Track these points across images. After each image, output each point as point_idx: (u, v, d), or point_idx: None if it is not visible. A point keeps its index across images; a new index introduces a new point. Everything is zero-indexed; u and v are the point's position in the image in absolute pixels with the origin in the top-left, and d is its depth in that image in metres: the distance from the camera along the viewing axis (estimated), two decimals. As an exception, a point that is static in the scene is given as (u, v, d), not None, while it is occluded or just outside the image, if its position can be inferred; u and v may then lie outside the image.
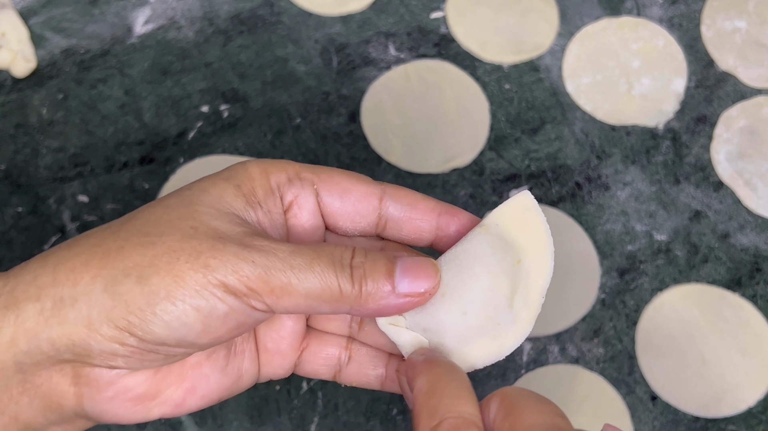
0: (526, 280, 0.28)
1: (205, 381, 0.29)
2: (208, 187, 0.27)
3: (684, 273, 0.50)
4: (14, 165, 0.51)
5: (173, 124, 0.53)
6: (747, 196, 0.52)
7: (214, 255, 0.25)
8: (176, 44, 0.55)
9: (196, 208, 0.26)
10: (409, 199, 0.30)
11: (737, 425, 0.46)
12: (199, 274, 0.25)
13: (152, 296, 0.25)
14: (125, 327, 0.25)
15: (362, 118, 0.53)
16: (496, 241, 0.29)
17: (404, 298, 0.27)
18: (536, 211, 0.29)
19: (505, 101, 0.54)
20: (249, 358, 0.30)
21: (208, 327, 0.25)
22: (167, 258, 0.25)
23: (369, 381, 0.32)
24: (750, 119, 0.54)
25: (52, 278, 0.25)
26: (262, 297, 0.25)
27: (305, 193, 0.29)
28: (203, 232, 0.25)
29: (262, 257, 0.25)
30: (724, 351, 0.48)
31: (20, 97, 0.53)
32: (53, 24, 0.55)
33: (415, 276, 0.27)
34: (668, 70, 0.56)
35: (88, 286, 0.25)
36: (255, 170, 0.28)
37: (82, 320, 0.25)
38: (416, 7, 0.57)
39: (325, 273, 0.26)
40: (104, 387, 0.26)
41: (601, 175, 0.52)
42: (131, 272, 0.25)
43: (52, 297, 0.25)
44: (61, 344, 0.25)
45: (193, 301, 0.25)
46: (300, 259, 0.26)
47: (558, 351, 0.48)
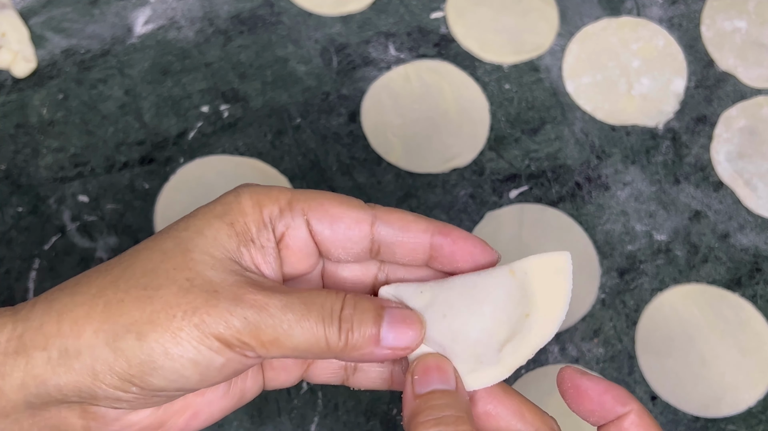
0: (526, 334, 0.29)
1: (208, 407, 0.30)
2: (203, 228, 0.28)
3: (684, 273, 0.50)
4: (14, 165, 0.51)
5: (173, 124, 0.53)
6: (747, 196, 0.52)
7: (209, 311, 0.26)
8: (176, 44, 0.55)
9: (192, 256, 0.27)
10: (400, 223, 0.30)
11: (737, 425, 0.47)
12: (196, 330, 0.26)
13: (151, 353, 0.26)
14: (127, 379, 0.26)
15: (362, 118, 0.53)
16: (515, 290, 0.29)
17: (388, 351, 0.28)
18: (568, 276, 0.29)
19: (505, 101, 0.54)
20: (252, 379, 0.31)
21: (205, 377, 0.27)
22: (165, 315, 0.26)
23: (377, 384, 0.33)
24: (750, 119, 0.54)
25: (56, 328, 0.26)
26: (254, 349, 0.27)
27: (296, 223, 0.29)
28: (198, 286, 0.26)
29: (254, 313, 0.26)
30: (724, 351, 0.48)
31: (20, 97, 0.53)
32: (53, 24, 0.55)
33: (400, 332, 0.28)
34: (668, 70, 0.56)
35: (90, 340, 0.26)
36: (247, 203, 0.29)
37: (87, 371, 0.26)
38: (416, 7, 0.57)
39: (314, 328, 0.27)
40: (110, 422, 0.28)
41: (601, 175, 0.52)
42: (131, 328, 0.26)
43: (57, 347, 0.26)
44: (68, 390, 0.26)
45: (190, 356, 0.26)
46: (291, 315, 0.27)
47: (558, 351, 0.48)
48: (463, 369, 0.29)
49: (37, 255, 0.49)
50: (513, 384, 0.47)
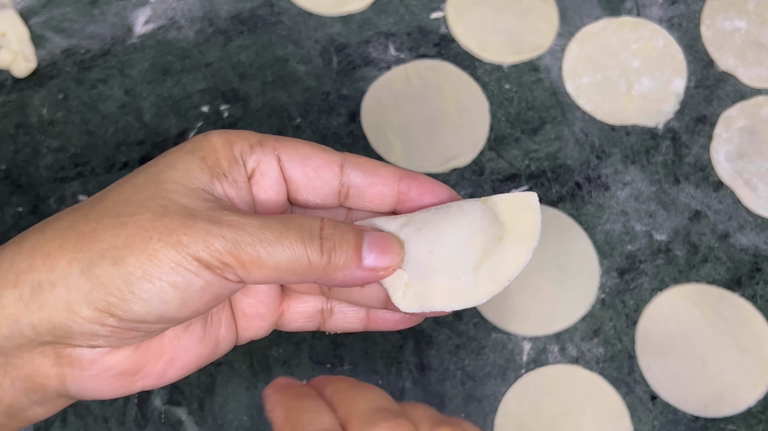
0: (500, 257, 0.30)
1: (184, 353, 0.29)
2: (174, 162, 0.28)
3: (684, 273, 0.50)
4: (14, 165, 0.51)
5: (173, 124, 0.53)
6: (747, 196, 0.52)
7: (186, 231, 0.25)
8: (176, 44, 0.55)
9: (165, 186, 0.27)
10: (369, 166, 0.30)
11: (737, 425, 0.47)
12: (173, 251, 0.25)
13: (129, 276, 0.25)
14: (105, 308, 0.25)
15: (362, 118, 0.53)
16: (488, 213, 0.30)
17: (369, 271, 0.28)
18: (536, 210, 0.30)
19: (505, 101, 0.54)
20: (225, 326, 0.31)
21: (186, 302, 0.26)
22: (140, 238, 0.25)
23: (353, 325, 0.33)
24: (750, 119, 0.54)
25: (28, 264, 0.26)
26: (234, 270, 0.26)
27: (267, 159, 0.29)
28: (173, 210, 0.26)
29: (232, 232, 0.26)
30: (723, 351, 0.48)
31: (20, 97, 0.53)
32: (53, 24, 0.55)
33: (381, 251, 0.28)
34: (668, 70, 0.56)
35: (64, 271, 0.25)
36: (218, 140, 0.29)
37: (62, 304, 0.25)
38: (416, 7, 0.57)
39: (294, 245, 0.26)
40: (86, 366, 0.27)
41: (601, 174, 0.52)
42: (106, 254, 0.25)
43: (29, 283, 0.25)
44: (42, 328, 0.25)
45: (169, 278, 0.25)
46: (268, 233, 0.26)
47: (558, 351, 0.48)
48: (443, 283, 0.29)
49: (37, 255, 0.49)
50: (513, 384, 0.47)
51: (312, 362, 0.47)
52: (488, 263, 0.29)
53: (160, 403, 0.46)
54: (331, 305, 0.33)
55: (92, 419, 0.45)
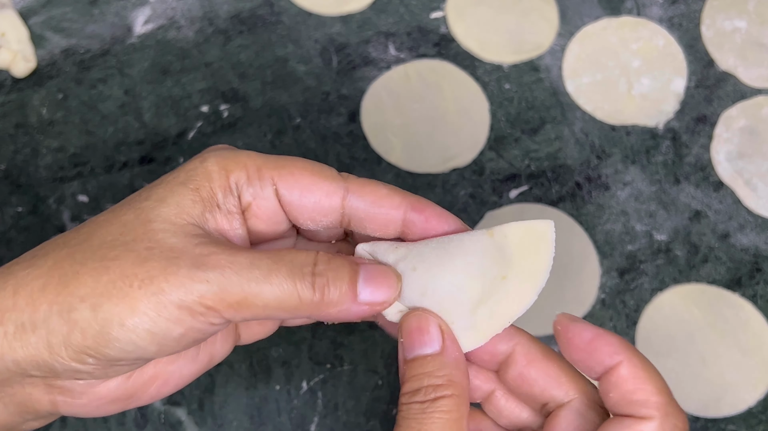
0: (502, 298, 0.28)
1: (178, 374, 0.30)
2: (165, 196, 0.27)
3: (684, 273, 0.50)
4: (14, 165, 0.51)
5: (173, 124, 0.53)
6: (747, 196, 0.52)
7: (167, 278, 0.25)
8: (176, 44, 0.55)
9: (153, 226, 0.26)
10: (373, 197, 0.29)
11: (737, 425, 0.46)
12: (154, 299, 0.25)
13: (106, 323, 0.25)
14: (82, 351, 0.25)
15: (362, 118, 0.53)
16: (492, 250, 0.28)
17: (364, 306, 0.27)
18: (550, 244, 0.28)
19: (505, 101, 0.54)
20: (221, 342, 0.31)
21: (162, 348, 0.26)
22: (121, 284, 0.25)
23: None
24: (750, 119, 0.54)
25: (12, 302, 0.26)
26: (220, 313, 0.26)
27: (264, 194, 0.28)
28: (158, 254, 0.25)
29: (217, 274, 0.25)
30: (723, 351, 0.48)
31: (20, 97, 0.53)
32: (53, 24, 0.55)
33: (376, 286, 0.27)
34: (668, 70, 0.56)
35: (46, 313, 0.25)
36: (214, 168, 0.28)
37: (43, 345, 0.25)
38: (416, 7, 0.57)
39: (283, 283, 0.26)
40: (78, 395, 0.27)
41: (601, 174, 0.52)
42: (86, 299, 0.25)
43: (14, 322, 0.26)
44: (26, 364, 0.26)
45: (146, 327, 0.25)
46: (257, 272, 0.26)
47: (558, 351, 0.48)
48: None
49: (36, 255, 0.49)
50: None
51: (312, 362, 0.47)
52: (487, 304, 0.28)
53: (160, 403, 0.46)
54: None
55: (92, 419, 0.45)
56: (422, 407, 0.26)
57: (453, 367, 0.27)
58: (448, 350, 0.28)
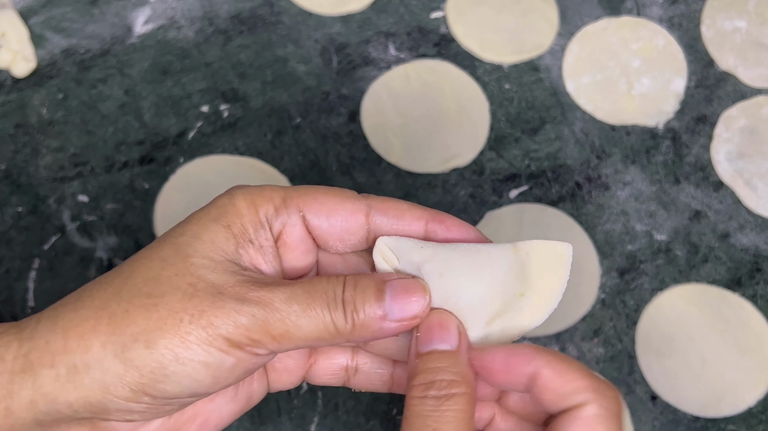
0: (517, 314, 0.29)
1: (217, 413, 0.30)
2: (199, 233, 0.28)
3: (684, 273, 0.50)
4: (14, 165, 0.51)
5: (173, 124, 0.53)
6: (747, 196, 0.52)
7: (216, 313, 0.26)
8: (176, 44, 0.55)
9: (192, 261, 0.27)
10: (395, 211, 0.30)
11: (737, 425, 0.46)
12: (204, 333, 0.26)
13: (162, 359, 0.26)
14: (139, 389, 0.26)
15: (362, 118, 0.53)
16: (516, 267, 0.29)
17: (396, 324, 0.28)
18: (567, 267, 0.29)
19: (505, 101, 0.54)
20: (258, 381, 0.32)
21: (217, 379, 0.27)
22: (172, 321, 0.26)
23: (377, 387, 0.33)
24: (750, 119, 0.54)
25: (63, 344, 0.26)
26: (265, 345, 0.27)
27: (292, 221, 0.29)
28: (202, 289, 0.26)
29: (260, 310, 0.26)
30: (723, 351, 0.48)
31: (20, 97, 0.53)
32: (53, 24, 0.55)
33: (405, 302, 0.28)
34: (668, 70, 0.56)
35: (99, 353, 0.26)
36: (242, 204, 0.29)
37: (97, 386, 0.26)
38: (416, 7, 0.57)
39: (321, 316, 0.27)
40: None
41: (601, 174, 0.52)
42: (139, 337, 0.26)
43: (65, 364, 0.26)
44: (78, 406, 0.26)
45: (200, 359, 0.26)
46: (296, 306, 0.27)
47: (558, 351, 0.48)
48: None
49: (36, 255, 0.49)
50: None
51: (312, 362, 0.47)
52: (503, 318, 0.29)
53: (160, 403, 0.46)
54: (356, 363, 0.33)
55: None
56: (437, 403, 0.26)
57: (466, 366, 0.28)
58: (463, 350, 0.28)
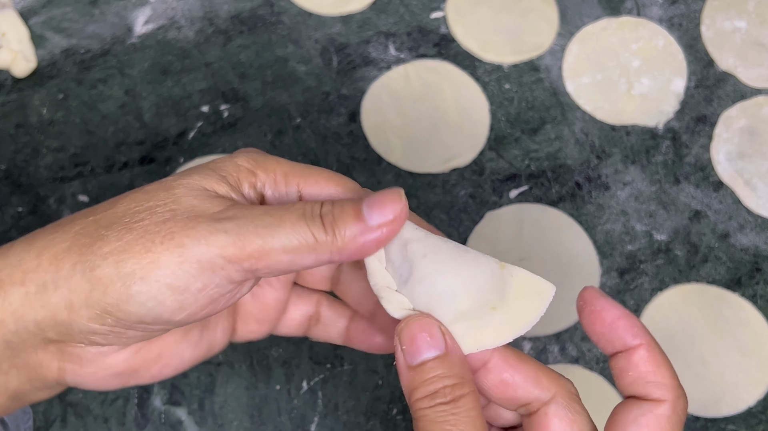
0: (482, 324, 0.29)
1: (179, 357, 0.31)
2: (191, 173, 0.28)
3: (684, 273, 0.50)
4: (14, 165, 0.51)
5: (173, 124, 0.53)
6: (747, 196, 0.52)
7: (188, 233, 0.26)
8: (176, 44, 0.55)
9: (175, 191, 0.27)
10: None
11: (737, 425, 0.47)
12: (174, 254, 0.26)
13: (128, 277, 0.26)
14: (103, 310, 0.26)
15: (362, 118, 0.53)
16: (496, 280, 0.29)
17: (378, 230, 0.27)
18: (545, 304, 0.29)
19: (505, 101, 0.54)
20: (221, 330, 0.32)
21: (183, 304, 0.26)
22: (143, 242, 0.26)
23: (333, 338, 0.34)
24: (750, 119, 0.54)
25: (36, 263, 0.26)
26: (240, 263, 0.26)
27: (289, 198, 0.30)
28: (179, 214, 0.26)
29: (233, 224, 0.26)
30: (723, 351, 0.48)
31: (20, 97, 0.53)
32: (53, 24, 0.55)
33: (381, 206, 0.27)
34: (668, 70, 0.56)
35: (68, 272, 0.26)
36: (244, 164, 0.29)
37: (64, 304, 0.26)
38: (416, 7, 0.57)
39: (296, 225, 0.26)
40: (86, 363, 0.28)
41: (601, 174, 0.52)
42: (108, 257, 0.26)
43: (35, 282, 0.26)
44: (45, 325, 0.26)
45: (167, 280, 0.26)
46: (269, 218, 0.26)
47: (558, 351, 0.48)
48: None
49: (37, 255, 0.49)
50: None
51: (312, 362, 0.47)
52: (468, 323, 0.29)
53: (160, 403, 0.46)
54: (318, 312, 0.34)
55: (92, 419, 0.45)
56: (448, 408, 0.26)
57: (460, 365, 0.28)
58: (453, 350, 0.28)
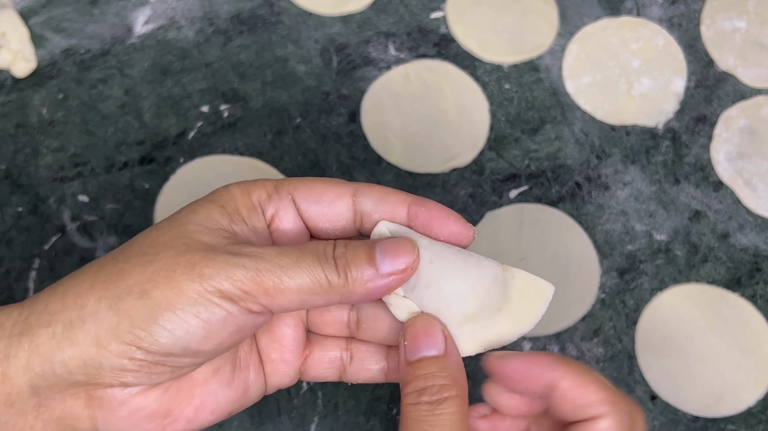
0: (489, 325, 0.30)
1: (213, 397, 0.30)
2: (196, 209, 0.29)
3: (684, 273, 0.50)
4: (14, 165, 0.51)
5: (173, 124, 0.53)
6: (747, 196, 0.52)
7: (208, 264, 0.27)
8: (176, 44, 0.55)
9: (187, 227, 0.28)
10: (379, 194, 0.31)
11: (737, 424, 0.47)
12: (196, 284, 0.26)
13: (154, 308, 0.26)
14: (132, 342, 0.26)
15: (362, 118, 0.53)
16: (500, 282, 0.30)
17: (388, 277, 0.28)
18: (545, 303, 0.30)
19: (505, 101, 0.54)
20: (254, 371, 0.32)
21: (209, 333, 0.27)
22: (165, 273, 0.26)
23: (373, 376, 0.34)
24: (750, 119, 0.54)
25: (61, 304, 0.27)
26: (257, 298, 0.27)
27: (284, 204, 0.31)
28: (195, 247, 0.27)
29: (252, 261, 0.27)
30: (723, 351, 0.48)
31: (20, 97, 0.53)
32: (53, 24, 0.55)
33: (394, 255, 0.29)
34: (668, 70, 0.56)
35: (94, 307, 0.26)
36: (236, 191, 0.30)
37: (91, 340, 0.26)
38: (416, 7, 0.57)
39: (311, 267, 0.28)
40: (117, 407, 0.28)
41: (600, 174, 0.52)
42: (133, 289, 0.26)
43: (62, 321, 0.26)
44: (73, 365, 0.26)
45: (192, 309, 0.26)
46: (286, 259, 0.27)
47: (558, 351, 0.48)
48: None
49: (37, 255, 0.49)
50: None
51: (312, 362, 0.47)
52: (474, 325, 0.30)
53: (160, 403, 0.46)
54: (351, 354, 0.34)
55: (92, 419, 0.45)
56: (430, 408, 0.27)
57: (455, 369, 0.29)
58: (451, 353, 0.29)
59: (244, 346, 0.32)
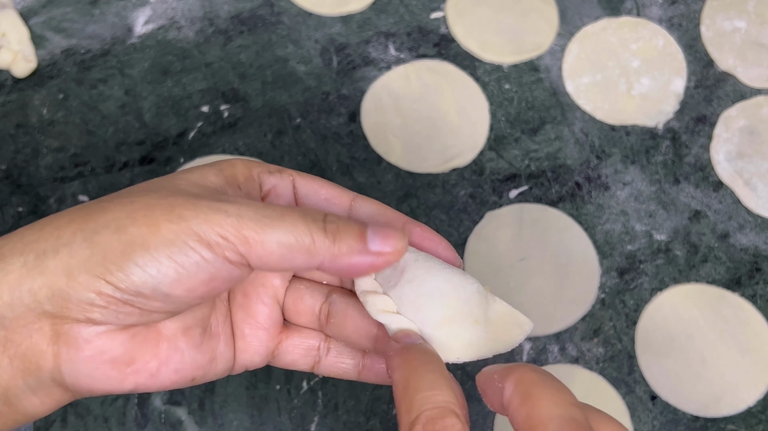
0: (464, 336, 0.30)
1: (180, 355, 0.30)
2: (192, 169, 0.30)
3: (684, 273, 0.50)
4: (15, 165, 0.51)
5: (173, 124, 0.53)
6: (746, 196, 0.52)
7: (189, 207, 0.26)
8: (176, 44, 0.55)
9: (176, 182, 0.28)
10: (378, 208, 0.32)
11: (737, 424, 0.47)
12: (174, 224, 0.26)
13: (128, 244, 0.26)
14: (101, 275, 0.26)
15: (362, 118, 0.53)
16: (482, 297, 0.30)
17: (374, 256, 0.28)
18: (522, 336, 0.31)
19: (505, 101, 0.54)
20: (224, 342, 0.31)
21: (181, 276, 0.26)
22: (144, 212, 0.26)
23: (346, 371, 0.33)
24: (749, 119, 0.54)
25: (37, 236, 0.27)
26: (235, 245, 0.27)
27: (284, 183, 0.31)
28: (180, 194, 0.27)
29: (235, 208, 0.27)
30: (723, 351, 0.48)
31: (21, 97, 0.53)
32: (54, 24, 0.56)
33: (385, 236, 0.28)
34: (668, 70, 0.56)
35: (69, 239, 0.26)
36: (239, 162, 0.31)
37: (62, 269, 0.26)
38: (416, 7, 0.57)
39: (296, 224, 0.27)
40: (82, 345, 0.27)
41: (600, 174, 0.52)
42: (110, 224, 0.26)
43: (35, 251, 0.26)
44: (41, 294, 0.26)
45: (167, 250, 0.26)
46: (271, 211, 0.27)
47: (558, 351, 0.48)
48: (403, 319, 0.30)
49: (37, 255, 0.49)
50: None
51: (312, 362, 0.47)
52: (450, 330, 0.30)
53: (160, 403, 0.46)
54: (328, 345, 0.33)
55: (92, 419, 0.45)
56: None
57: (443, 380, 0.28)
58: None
59: (217, 315, 0.31)
